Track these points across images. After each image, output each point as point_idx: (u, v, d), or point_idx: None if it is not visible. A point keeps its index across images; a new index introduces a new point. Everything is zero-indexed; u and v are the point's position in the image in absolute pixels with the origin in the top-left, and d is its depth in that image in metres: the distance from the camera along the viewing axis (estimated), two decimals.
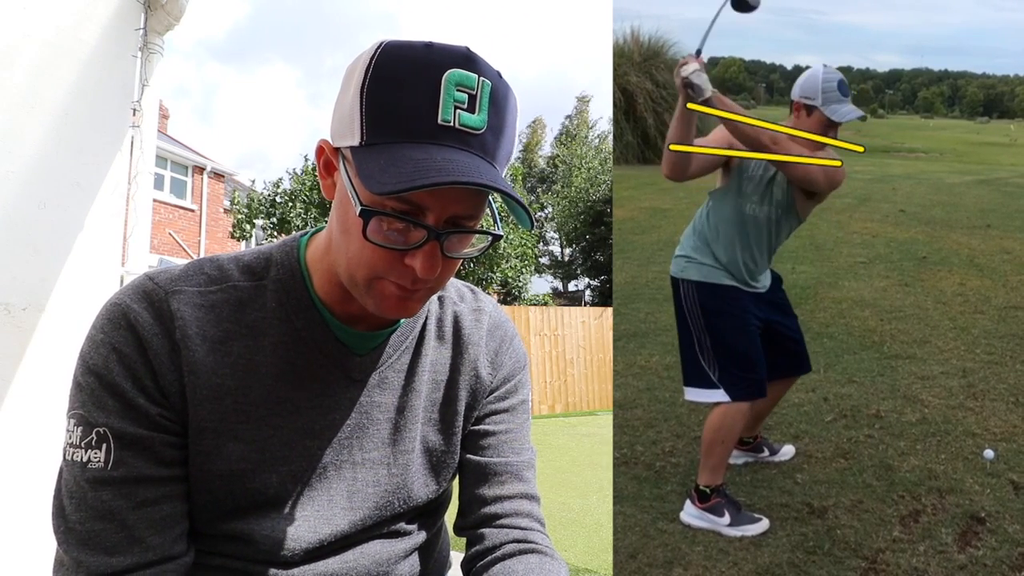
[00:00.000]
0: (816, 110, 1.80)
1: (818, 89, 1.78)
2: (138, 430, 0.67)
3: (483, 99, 0.63)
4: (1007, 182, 5.52)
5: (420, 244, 0.64)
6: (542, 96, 53.92)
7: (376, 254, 0.65)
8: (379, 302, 0.68)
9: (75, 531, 0.66)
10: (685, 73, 1.65)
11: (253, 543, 0.72)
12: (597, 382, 10.57)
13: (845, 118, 1.78)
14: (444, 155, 0.60)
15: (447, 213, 0.64)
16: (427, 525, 0.87)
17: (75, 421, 0.67)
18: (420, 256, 0.64)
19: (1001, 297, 3.31)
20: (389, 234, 0.64)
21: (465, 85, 0.62)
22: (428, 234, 0.64)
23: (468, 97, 0.62)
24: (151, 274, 0.73)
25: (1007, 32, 3.13)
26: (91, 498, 0.66)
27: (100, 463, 0.66)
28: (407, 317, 0.73)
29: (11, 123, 1.63)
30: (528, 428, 0.91)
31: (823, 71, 1.79)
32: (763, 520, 1.93)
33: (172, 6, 2.09)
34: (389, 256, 0.65)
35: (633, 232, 4.21)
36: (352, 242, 0.66)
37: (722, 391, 1.88)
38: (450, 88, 0.61)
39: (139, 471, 0.67)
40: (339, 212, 0.69)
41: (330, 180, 0.70)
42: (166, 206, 15.74)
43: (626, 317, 3.19)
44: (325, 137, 0.69)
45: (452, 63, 0.62)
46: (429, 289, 0.70)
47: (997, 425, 2.33)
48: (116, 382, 0.67)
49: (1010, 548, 1.82)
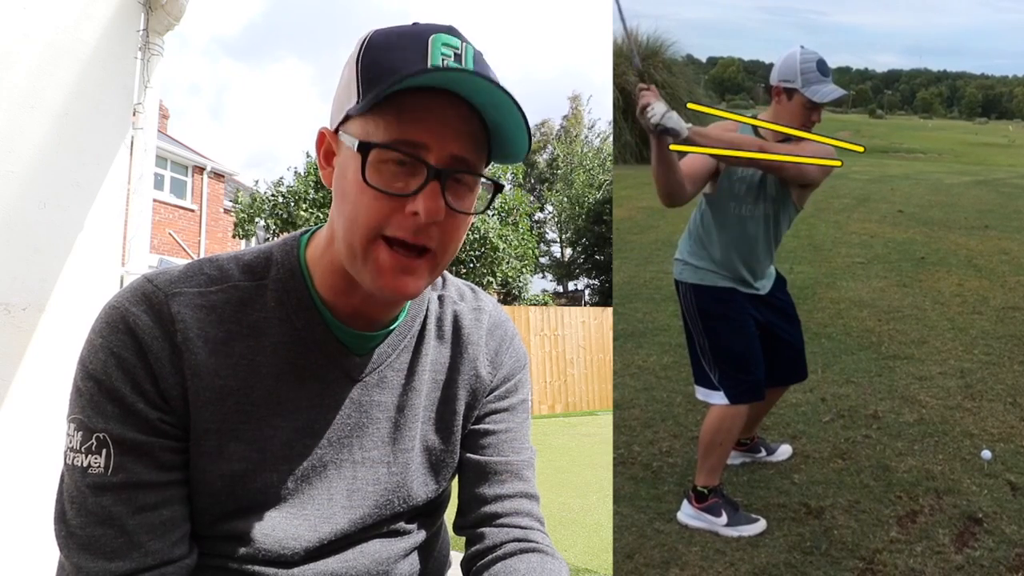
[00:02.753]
0: (796, 93, 1.73)
1: (796, 71, 1.71)
2: (138, 436, 0.67)
3: (467, 57, 0.66)
4: (1005, 183, 5.52)
5: (421, 187, 0.64)
6: (556, 96, 53.79)
7: (376, 204, 0.65)
8: (376, 273, 0.67)
9: (76, 536, 0.66)
10: (656, 120, 1.55)
11: (253, 543, 0.72)
12: (597, 382, 10.57)
13: (827, 98, 1.71)
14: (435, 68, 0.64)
15: (446, 151, 0.65)
16: (427, 524, 0.87)
17: (75, 426, 0.67)
18: (422, 199, 0.64)
19: (999, 298, 3.31)
20: (389, 178, 0.65)
21: (450, 45, 0.66)
22: (428, 173, 0.64)
23: (454, 54, 0.66)
24: (150, 276, 0.73)
25: (1006, 33, 3.13)
26: (91, 503, 0.66)
27: (100, 468, 0.66)
28: (407, 297, 0.70)
29: (11, 123, 1.63)
30: (528, 427, 0.91)
31: (800, 52, 1.72)
32: (760, 520, 1.93)
33: (172, 6, 2.09)
34: (389, 205, 0.65)
35: (632, 232, 4.21)
36: (350, 201, 0.66)
37: (720, 393, 1.88)
38: (437, 46, 0.65)
39: (139, 476, 0.67)
40: (338, 188, 0.69)
41: (330, 169, 0.70)
42: (166, 206, 15.74)
43: (625, 317, 3.19)
44: (304, 135, 0.71)
45: (437, 31, 0.66)
46: (431, 260, 0.69)
47: (995, 426, 2.33)
48: (115, 387, 0.66)
49: (1007, 549, 1.82)
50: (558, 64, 59.60)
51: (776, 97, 1.77)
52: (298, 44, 77.42)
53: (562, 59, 59.09)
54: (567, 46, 59.69)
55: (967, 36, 3.56)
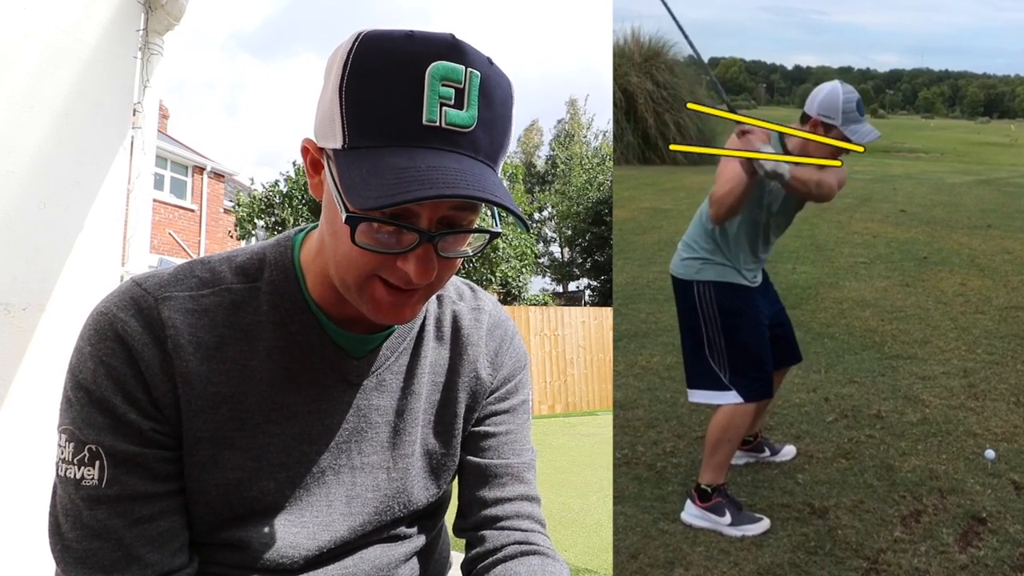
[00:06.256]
0: (835, 129, 1.82)
1: (838, 109, 1.79)
2: (131, 447, 0.65)
3: (472, 92, 0.58)
4: (1008, 182, 5.51)
5: (412, 247, 0.61)
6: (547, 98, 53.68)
7: (366, 257, 0.62)
8: (373, 307, 0.66)
9: (72, 549, 0.64)
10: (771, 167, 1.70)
11: (251, 551, 0.71)
12: (597, 382, 10.57)
13: (865, 139, 1.81)
14: (430, 161, 0.56)
15: (439, 214, 0.61)
16: (427, 528, 0.86)
17: (66, 437, 0.65)
18: (413, 259, 0.61)
19: (1002, 297, 3.31)
20: (379, 236, 0.61)
21: (451, 79, 0.57)
22: (420, 237, 0.60)
23: (455, 92, 0.58)
24: (139, 279, 0.70)
25: (1008, 32, 3.13)
26: (87, 516, 0.64)
27: (94, 481, 0.64)
28: (404, 323, 0.69)
29: (11, 123, 1.63)
30: (528, 428, 0.90)
31: (842, 90, 1.80)
32: (764, 520, 1.93)
33: (172, 6, 2.09)
34: (380, 258, 0.62)
35: (634, 232, 4.20)
36: (341, 246, 0.63)
37: (733, 393, 1.89)
38: (435, 84, 0.57)
39: (134, 488, 0.65)
40: (328, 214, 0.65)
41: (318, 179, 0.67)
42: (166, 206, 15.75)
43: (627, 317, 3.19)
44: (309, 135, 0.65)
45: (436, 55, 0.57)
46: (427, 289, 0.67)
47: (998, 425, 2.33)
48: (106, 397, 0.64)
49: (1011, 548, 1.82)
50: (550, 63, 59.59)
51: (813, 128, 1.85)
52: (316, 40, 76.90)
53: (554, 59, 58.99)
54: (560, 45, 59.61)
55: (969, 35, 3.56)
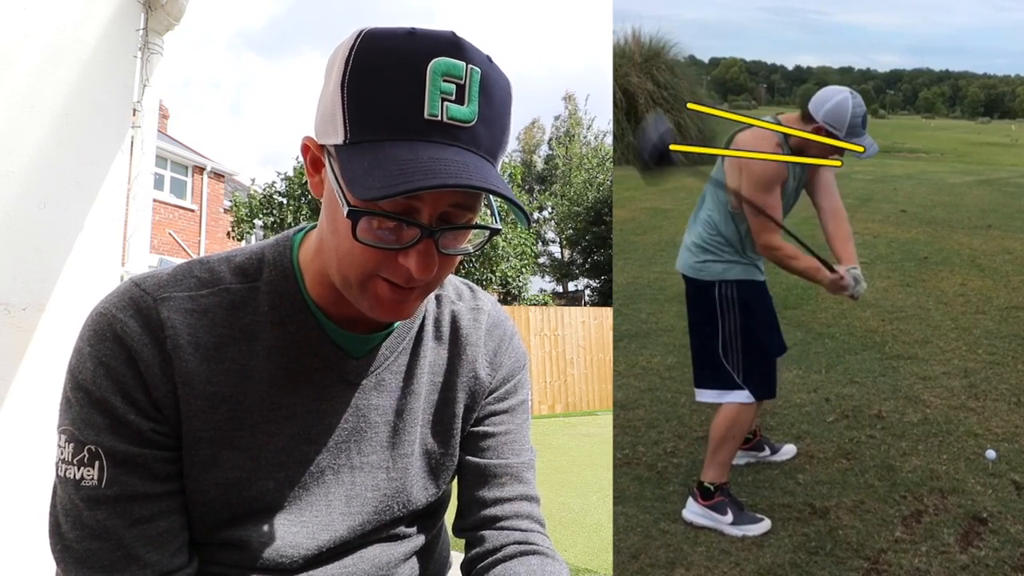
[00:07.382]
0: (836, 138, 1.85)
1: (845, 122, 1.82)
2: (130, 447, 0.65)
3: (472, 88, 0.59)
4: (1008, 182, 5.52)
5: (413, 243, 0.61)
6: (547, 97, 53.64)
7: (368, 253, 0.62)
8: (373, 304, 0.66)
9: (72, 550, 0.64)
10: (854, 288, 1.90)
11: (251, 551, 0.71)
12: (597, 382, 10.56)
13: (868, 154, 1.85)
14: (431, 153, 0.57)
15: (440, 209, 0.61)
16: (426, 527, 0.86)
17: (66, 437, 0.65)
18: (414, 255, 0.62)
19: (1003, 297, 3.31)
20: (380, 233, 0.61)
21: (452, 75, 0.58)
22: (421, 232, 0.61)
23: (456, 87, 0.58)
24: (138, 279, 0.70)
25: (1008, 32, 3.13)
26: (87, 517, 0.64)
27: (94, 481, 0.64)
28: (404, 320, 0.70)
29: (11, 123, 1.63)
30: (528, 428, 0.90)
31: (852, 103, 1.82)
32: (765, 520, 1.93)
33: (172, 6, 2.09)
34: (381, 254, 0.63)
35: (634, 232, 4.20)
36: (342, 243, 0.63)
37: (743, 392, 1.90)
38: (436, 79, 0.58)
39: (134, 489, 0.65)
40: (328, 211, 0.66)
41: (318, 177, 0.67)
42: (166, 206, 15.74)
43: (627, 318, 3.19)
44: (310, 134, 0.66)
45: (437, 51, 0.58)
46: (426, 287, 0.67)
47: (999, 425, 2.33)
48: (105, 398, 0.64)
49: (1012, 548, 1.82)
50: (554, 63, 59.54)
51: (816, 129, 1.88)
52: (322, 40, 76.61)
53: (553, 58, 58.88)
54: (566, 45, 59.50)
55: (969, 36, 3.57)
